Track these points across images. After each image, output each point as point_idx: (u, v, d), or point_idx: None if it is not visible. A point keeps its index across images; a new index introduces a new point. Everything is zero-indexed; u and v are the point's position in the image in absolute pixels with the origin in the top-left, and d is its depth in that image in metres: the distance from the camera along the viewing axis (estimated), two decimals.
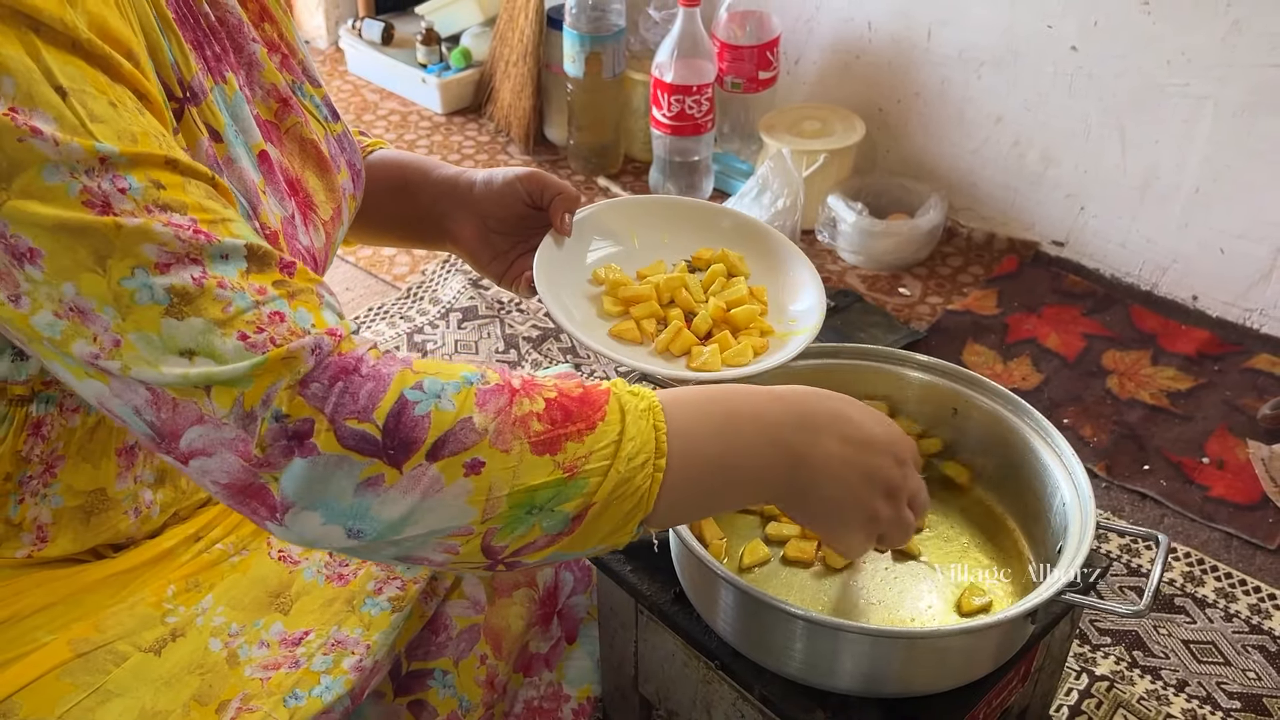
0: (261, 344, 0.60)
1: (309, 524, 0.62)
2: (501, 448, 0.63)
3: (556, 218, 0.94)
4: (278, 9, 0.86)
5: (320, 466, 0.60)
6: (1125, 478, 1.41)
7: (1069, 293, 1.75)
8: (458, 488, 0.62)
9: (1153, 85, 1.61)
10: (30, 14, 0.58)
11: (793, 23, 1.95)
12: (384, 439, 0.61)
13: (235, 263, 0.62)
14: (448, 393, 0.63)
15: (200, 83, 0.73)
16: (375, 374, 0.62)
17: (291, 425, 0.60)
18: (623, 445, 0.65)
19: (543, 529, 0.65)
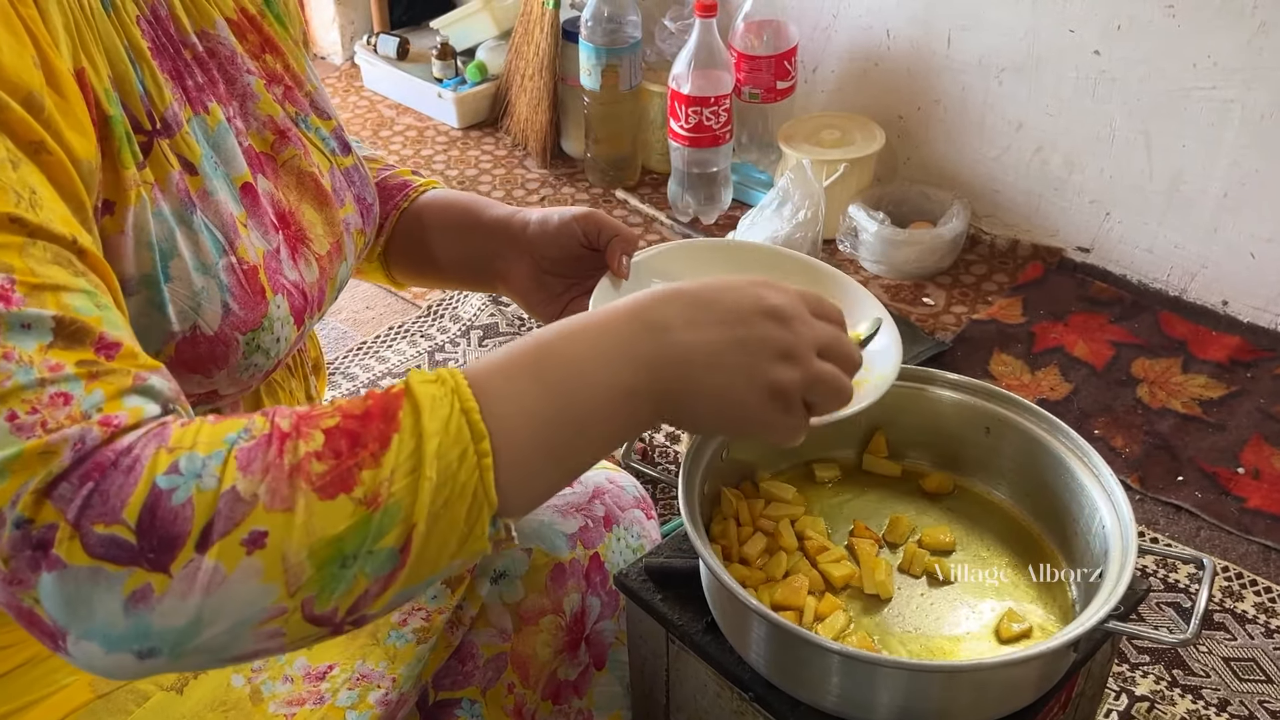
0: (29, 427, 0.52)
1: (93, 654, 0.54)
2: (281, 507, 0.53)
3: (614, 260, 0.90)
4: (285, 41, 0.85)
5: (71, 582, 0.52)
6: (1159, 490, 1.39)
7: (1096, 300, 1.72)
8: (244, 570, 0.53)
9: (1178, 89, 1.59)
10: None
11: (810, 31, 1.93)
12: (139, 541, 0.52)
13: (37, 335, 0.54)
14: (209, 467, 0.53)
15: (175, 114, 0.71)
16: (129, 463, 0.53)
17: (35, 533, 0.52)
18: (425, 447, 0.56)
19: (368, 574, 0.56)
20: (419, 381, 0.58)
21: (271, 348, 0.76)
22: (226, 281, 0.72)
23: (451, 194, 1.00)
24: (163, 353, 0.71)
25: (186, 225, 0.71)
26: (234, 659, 0.56)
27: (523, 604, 0.94)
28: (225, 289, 0.72)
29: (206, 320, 0.72)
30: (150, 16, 0.73)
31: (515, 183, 2.11)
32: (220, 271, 0.72)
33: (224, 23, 0.79)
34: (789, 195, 1.70)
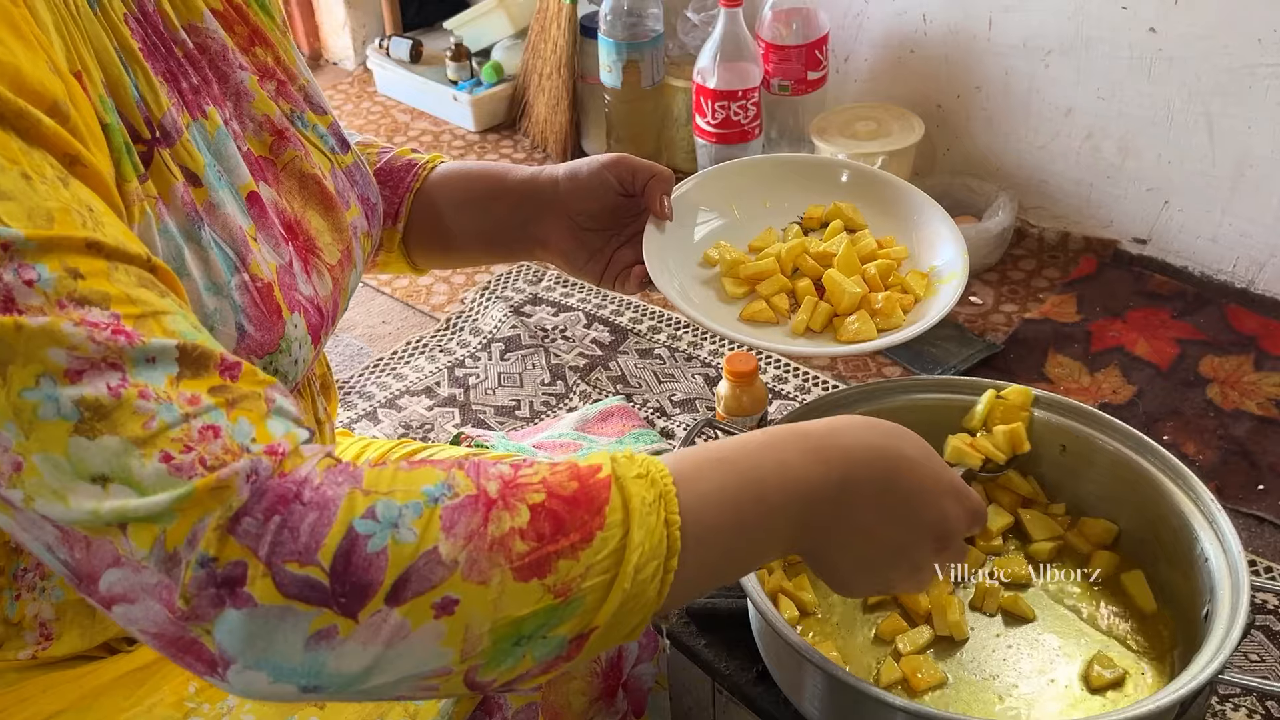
0: (188, 467, 0.50)
1: (255, 682, 0.52)
2: (477, 580, 0.52)
3: (654, 202, 0.85)
4: (273, 31, 0.77)
5: (259, 619, 0.50)
6: (1238, 500, 1.28)
7: (1155, 294, 1.62)
8: (428, 631, 0.52)
9: (1241, 66, 1.48)
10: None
11: (841, 18, 1.84)
12: (332, 584, 0.50)
13: (164, 367, 0.51)
14: (406, 519, 0.52)
15: (174, 120, 0.64)
16: (320, 500, 0.51)
17: (221, 571, 0.50)
18: (627, 557, 0.55)
19: (535, 658, 0.55)
20: (628, 473, 0.57)
21: (289, 371, 0.69)
22: (240, 302, 0.65)
23: (464, 165, 0.94)
24: None
25: (195, 242, 0.64)
26: (381, 699, 0.56)
27: None
28: (239, 310, 0.65)
29: (220, 345, 0.65)
30: (138, 14, 0.66)
31: None
32: (233, 291, 0.65)
33: (211, 15, 0.72)
34: None
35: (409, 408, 1.51)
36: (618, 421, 1.38)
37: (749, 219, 0.91)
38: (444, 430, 1.47)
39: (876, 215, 0.90)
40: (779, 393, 1.49)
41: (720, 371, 1.49)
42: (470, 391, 1.53)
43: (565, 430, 1.35)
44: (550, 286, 1.73)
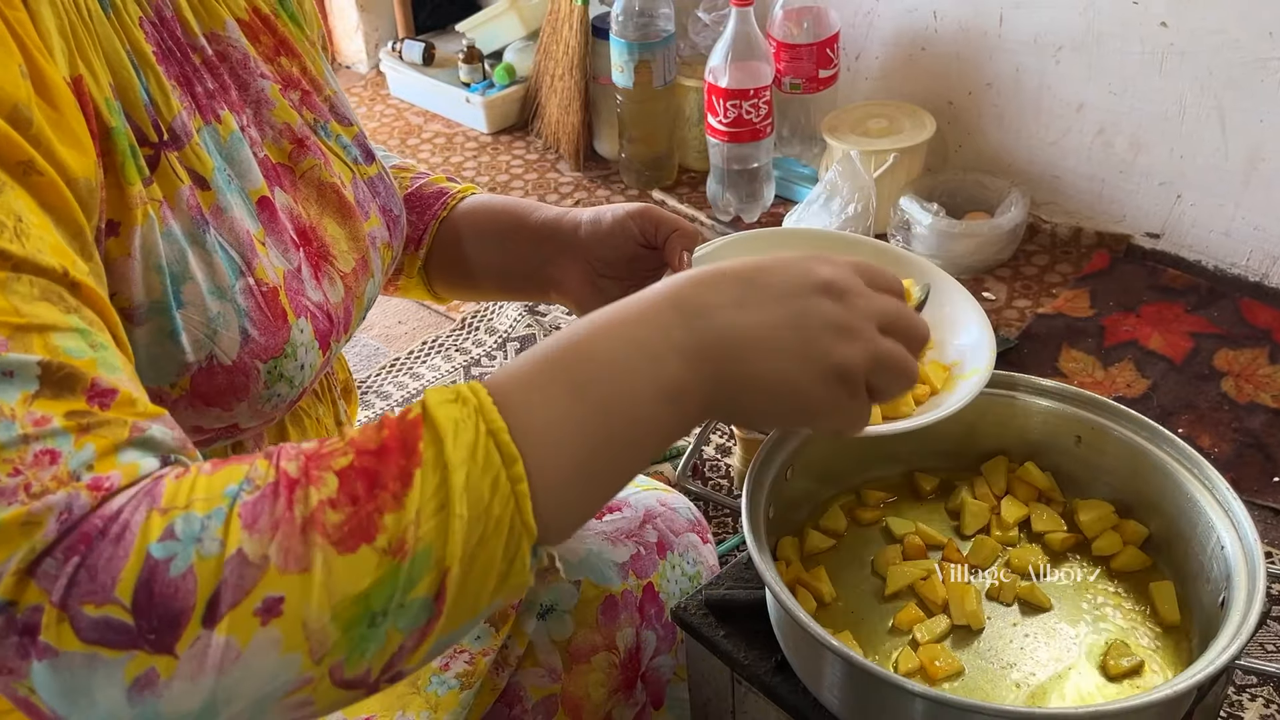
0: (10, 492, 0.46)
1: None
2: (297, 569, 0.47)
3: (674, 257, 0.83)
4: (301, 42, 0.78)
5: (65, 671, 0.46)
6: (1254, 492, 1.29)
7: (1169, 288, 1.62)
8: (260, 643, 0.47)
9: (1254, 59, 1.49)
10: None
11: (852, 17, 1.84)
12: (137, 621, 0.46)
13: (21, 384, 0.48)
14: (210, 529, 0.47)
15: (184, 124, 0.65)
16: (118, 531, 0.46)
17: (20, 617, 0.46)
18: (451, 479, 0.49)
19: (402, 629, 0.50)
20: (437, 403, 0.51)
21: (295, 375, 0.70)
22: (244, 305, 0.66)
23: (493, 198, 0.94)
24: (177, 385, 0.65)
25: (199, 245, 0.64)
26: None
27: (573, 641, 0.88)
28: (243, 314, 0.65)
29: (223, 349, 0.65)
30: (155, 18, 0.67)
31: (548, 187, 2.04)
32: (237, 295, 0.65)
33: (235, 24, 0.73)
34: (837, 188, 1.62)
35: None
36: None
37: None
38: None
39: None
40: None
41: None
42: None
43: None
44: None
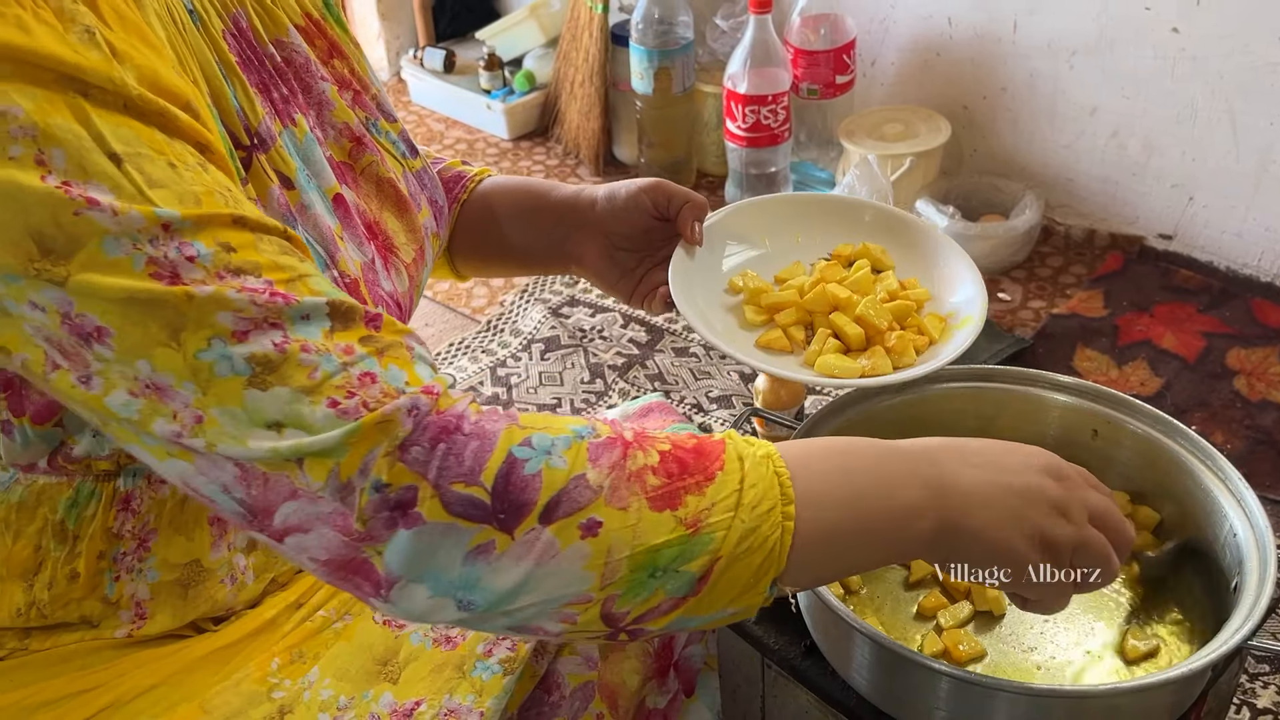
0: (354, 409, 0.55)
1: (416, 598, 0.58)
2: (619, 505, 0.58)
3: (686, 227, 0.89)
4: (348, 44, 0.83)
5: (426, 537, 0.56)
6: (1267, 487, 1.32)
7: (1182, 289, 1.65)
8: (574, 552, 0.57)
9: (1264, 63, 1.51)
10: (76, 75, 0.54)
11: (868, 23, 1.88)
12: (493, 502, 0.56)
13: (318, 322, 0.57)
14: (558, 449, 0.58)
15: (268, 127, 0.69)
16: (479, 431, 0.57)
17: (394, 494, 0.55)
18: (744, 493, 0.60)
19: (666, 592, 0.59)
20: (738, 438, 0.63)
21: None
22: None
23: (510, 179, 0.99)
24: None
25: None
26: (523, 631, 0.60)
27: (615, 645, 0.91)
28: None
29: None
30: (234, 29, 0.71)
31: None
32: None
33: (295, 30, 0.77)
34: (856, 192, 1.65)
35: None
36: (657, 416, 1.42)
37: (781, 252, 0.94)
38: None
39: (903, 256, 0.93)
40: (814, 388, 1.53)
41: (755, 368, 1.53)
42: (513, 390, 1.58)
43: None
44: (587, 289, 1.78)
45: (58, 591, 0.74)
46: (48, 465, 0.71)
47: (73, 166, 0.54)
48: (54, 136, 0.54)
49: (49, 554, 0.73)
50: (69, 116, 0.54)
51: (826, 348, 0.85)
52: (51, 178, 0.53)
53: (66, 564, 0.73)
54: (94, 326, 0.55)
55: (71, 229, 0.53)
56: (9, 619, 0.74)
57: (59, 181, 0.53)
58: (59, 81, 0.54)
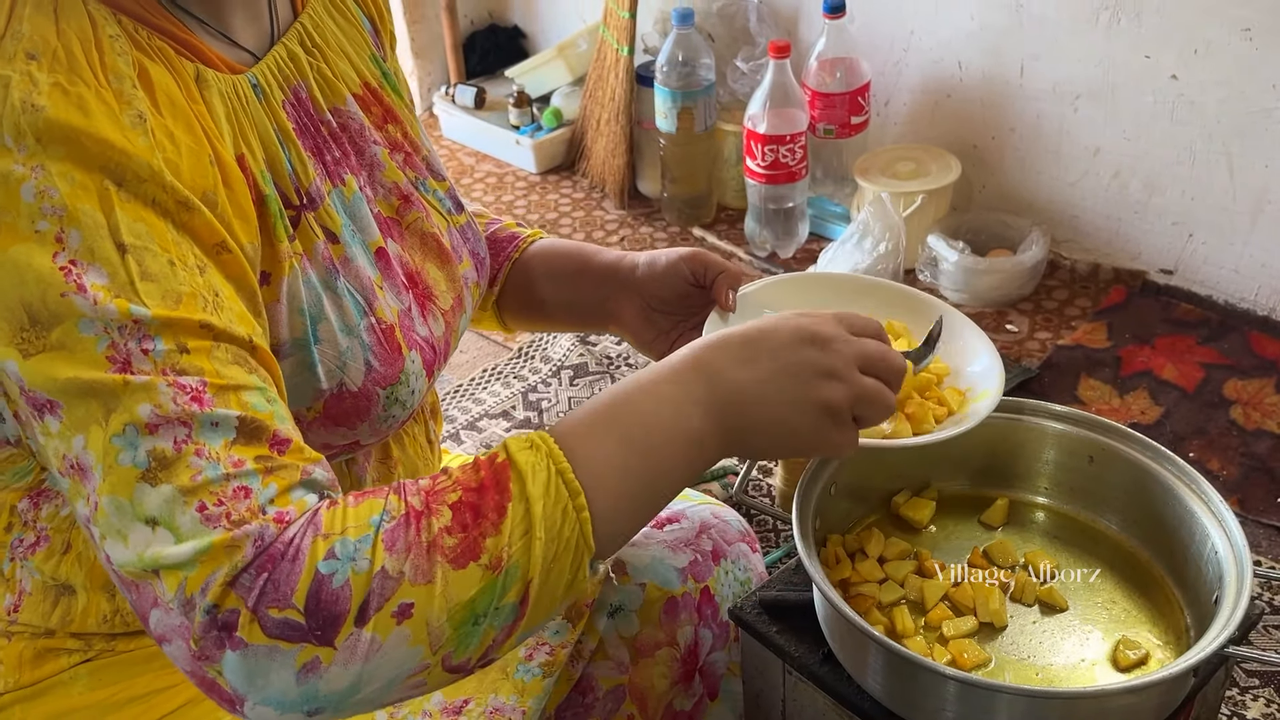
0: (216, 518, 0.59)
1: (268, 716, 0.61)
2: (424, 581, 0.61)
3: (721, 295, 0.94)
4: (402, 110, 0.90)
5: (252, 658, 0.59)
6: (1259, 512, 1.38)
7: (1182, 322, 1.72)
8: (396, 639, 0.61)
9: (1258, 110, 1.59)
10: (119, 162, 0.62)
11: (882, 66, 1.96)
12: (307, 621, 0.59)
13: (223, 432, 0.61)
14: (361, 551, 0.61)
15: (318, 188, 0.77)
16: (294, 552, 0.60)
17: (220, 616, 0.59)
18: (532, 510, 0.63)
19: (495, 628, 0.64)
20: (517, 449, 0.65)
21: (407, 400, 0.81)
22: (368, 341, 0.77)
23: (559, 242, 1.05)
24: (312, 409, 0.76)
25: (332, 290, 0.76)
26: (382, 705, 0.64)
27: (638, 637, 0.97)
28: (367, 348, 0.77)
29: (351, 377, 0.77)
30: (293, 99, 0.79)
31: (594, 224, 2.17)
32: (362, 332, 0.77)
33: (352, 99, 0.85)
34: (870, 228, 1.73)
35: (488, 429, 1.65)
36: None
37: None
38: None
39: (921, 331, 0.97)
40: None
41: None
42: (543, 414, 1.67)
43: None
44: None
45: None
46: None
47: (83, 249, 0.60)
48: (76, 219, 0.60)
49: None
50: (95, 204, 0.61)
51: None
52: (61, 256, 0.60)
53: None
54: (43, 400, 0.61)
55: (55, 307, 0.60)
56: (96, 625, 0.81)
57: (65, 261, 0.60)
58: (102, 166, 0.61)
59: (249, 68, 0.76)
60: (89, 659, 0.82)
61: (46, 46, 0.62)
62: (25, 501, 0.80)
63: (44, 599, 0.80)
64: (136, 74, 0.65)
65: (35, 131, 0.60)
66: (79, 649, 0.82)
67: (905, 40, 1.92)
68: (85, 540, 0.78)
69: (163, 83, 0.67)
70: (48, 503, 0.79)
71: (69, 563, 0.79)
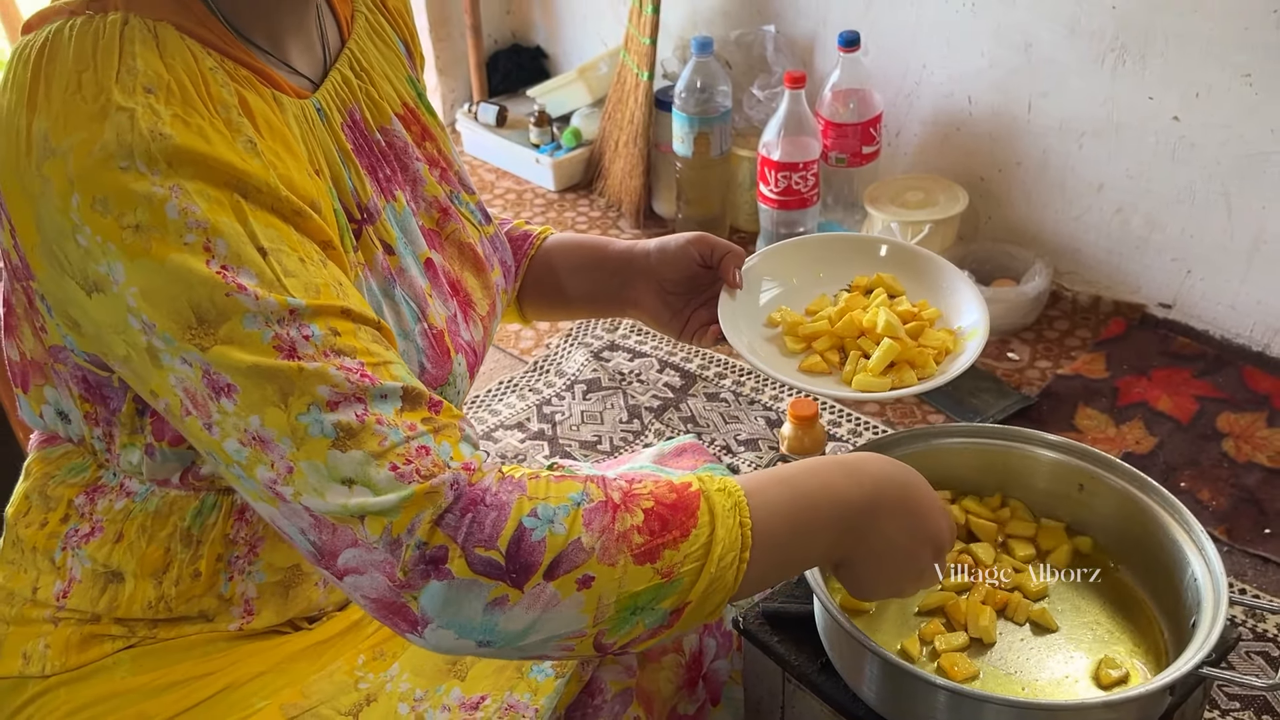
0: (409, 474, 0.68)
1: (444, 638, 0.70)
2: (608, 562, 0.70)
3: (728, 274, 1.03)
4: (436, 127, 0.97)
5: (454, 589, 0.68)
6: (1246, 542, 1.43)
7: (1179, 355, 1.77)
8: (572, 601, 0.69)
9: (1257, 153, 1.64)
10: (242, 179, 0.69)
11: (893, 97, 2.02)
12: (506, 564, 0.68)
13: (392, 402, 0.70)
14: (559, 517, 0.70)
15: (375, 203, 0.84)
16: (498, 503, 0.69)
17: (430, 552, 0.67)
18: (713, 548, 0.73)
19: (645, 625, 0.72)
20: (712, 489, 0.75)
21: (453, 399, 0.88)
22: (422, 345, 0.84)
23: (572, 236, 1.13)
24: None
25: (390, 298, 0.83)
26: (530, 659, 0.76)
27: None
28: (421, 351, 0.84)
29: None
30: (349, 121, 0.85)
31: None
32: (417, 336, 0.84)
33: (396, 118, 0.91)
34: None
35: (504, 440, 1.70)
36: (690, 457, 1.55)
37: (805, 286, 1.09)
38: (536, 460, 1.65)
39: (912, 282, 1.08)
40: (834, 435, 1.66)
41: (780, 415, 1.66)
42: (557, 427, 1.72)
43: (644, 463, 1.52)
44: (626, 335, 1.92)
45: (182, 588, 0.87)
46: (179, 481, 0.84)
47: (230, 254, 0.68)
48: (219, 230, 0.68)
49: (176, 556, 0.86)
50: (231, 215, 0.68)
51: (860, 368, 1.00)
52: (214, 263, 0.67)
53: (190, 564, 0.86)
54: (225, 383, 0.68)
55: (223, 305, 0.67)
56: (141, 611, 0.87)
57: (219, 267, 0.67)
58: (228, 183, 0.68)
59: (309, 92, 0.82)
60: (131, 645, 0.88)
61: (160, 81, 0.69)
62: (82, 497, 0.85)
63: (93, 585, 0.85)
64: (238, 102, 0.72)
65: (165, 157, 0.66)
66: (123, 635, 0.87)
67: (918, 74, 1.98)
68: (137, 530, 0.85)
69: (259, 108, 0.74)
70: (103, 497, 0.85)
71: (121, 550, 0.85)
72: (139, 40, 0.69)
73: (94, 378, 0.79)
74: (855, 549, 0.80)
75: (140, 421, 0.81)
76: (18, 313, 0.80)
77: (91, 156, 0.66)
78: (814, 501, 0.79)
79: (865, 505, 0.79)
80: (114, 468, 0.84)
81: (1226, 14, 1.59)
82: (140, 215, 0.66)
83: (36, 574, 0.87)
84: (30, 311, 0.78)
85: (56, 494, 0.86)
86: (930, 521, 0.83)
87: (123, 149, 0.66)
